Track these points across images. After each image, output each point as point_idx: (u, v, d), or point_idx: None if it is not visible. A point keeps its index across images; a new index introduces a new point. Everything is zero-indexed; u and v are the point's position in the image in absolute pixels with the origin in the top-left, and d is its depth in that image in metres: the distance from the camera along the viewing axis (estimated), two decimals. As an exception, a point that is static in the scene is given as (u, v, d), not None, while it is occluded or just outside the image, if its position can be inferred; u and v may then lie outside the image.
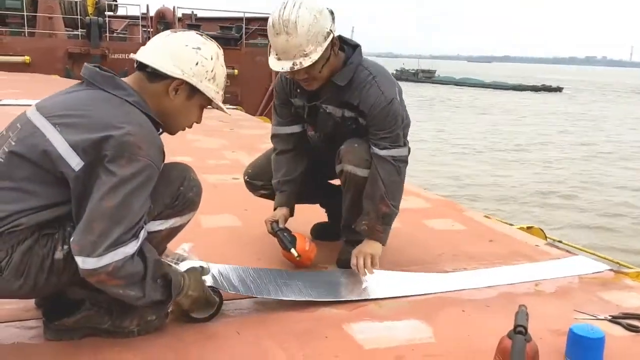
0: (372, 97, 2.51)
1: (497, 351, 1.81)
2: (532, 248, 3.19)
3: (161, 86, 1.89)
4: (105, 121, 1.72)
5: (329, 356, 1.93)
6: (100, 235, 1.66)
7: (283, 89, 2.74)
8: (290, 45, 2.33)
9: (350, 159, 2.58)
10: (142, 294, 1.79)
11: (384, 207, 2.54)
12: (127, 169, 1.70)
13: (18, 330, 1.98)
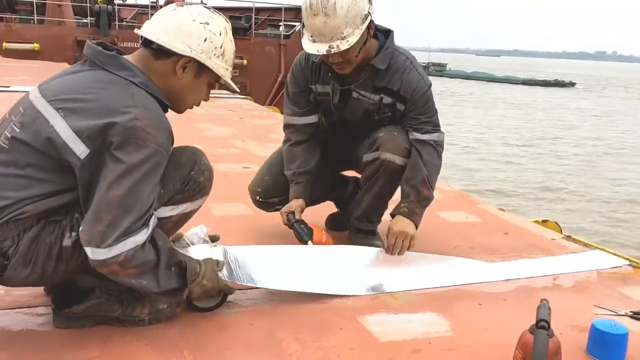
0: (414, 82, 2.50)
1: (517, 346, 1.76)
2: (548, 241, 3.13)
3: (168, 64, 1.82)
4: (110, 106, 1.65)
5: (344, 348, 1.88)
6: (109, 225, 1.60)
7: (303, 74, 2.63)
8: (329, 27, 2.26)
9: (390, 147, 2.54)
10: (155, 283, 1.74)
11: (425, 190, 2.52)
12: (135, 155, 1.63)
13: (27, 317, 1.95)
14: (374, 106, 2.57)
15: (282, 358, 1.80)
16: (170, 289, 1.80)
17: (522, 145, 18.75)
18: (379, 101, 2.55)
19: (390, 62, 2.49)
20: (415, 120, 2.54)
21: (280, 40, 16.35)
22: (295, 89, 2.69)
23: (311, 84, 2.63)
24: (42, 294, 2.05)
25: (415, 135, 2.55)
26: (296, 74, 2.67)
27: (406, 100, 2.52)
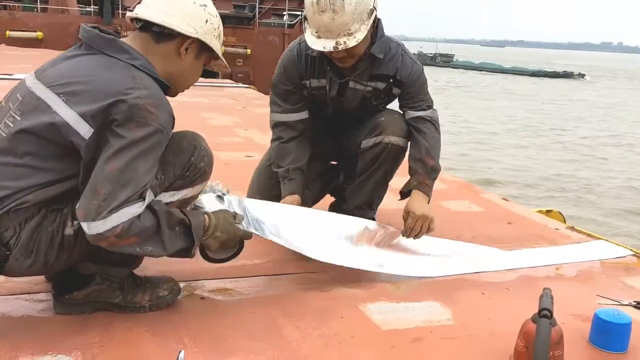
0: (409, 66, 2.55)
1: (520, 335, 1.75)
2: (552, 231, 3.11)
3: (172, 46, 1.82)
4: (112, 88, 1.64)
5: (345, 336, 1.88)
6: (105, 199, 1.59)
7: (297, 70, 2.56)
8: (336, 24, 2.24)
9: (393, 129, 2.57)
10: (161, 247, 1.71)
11: (430, 161, 2.54)
12: (137, 132, 1.62)
13: (27, 303, 1.95)
14: (370, 93, 2.58)
15: (283, 345, 1.79)
16: (178, 249, 1.77)
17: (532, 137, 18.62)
18: (373, 89, 2.56)
19: (386, 49, 2.51)
20: (410, 100, 2.59)
21: (284, 29, 16.31)
22: (288, 86, 2.61)
23: (305, 79, 2.58)
24: (43, 281, 2.05)
25: (411, 113, 2.59)
26: (289, 70, 2.58)
27: (402, 83, 2.56)
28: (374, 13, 2.31)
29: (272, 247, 2.58)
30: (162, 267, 2.27)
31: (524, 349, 1.71)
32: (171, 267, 2.28)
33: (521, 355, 1.73)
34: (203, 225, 1.84)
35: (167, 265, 2.28)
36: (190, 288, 2.14)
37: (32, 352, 1.66)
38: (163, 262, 2.27)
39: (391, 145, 2.56)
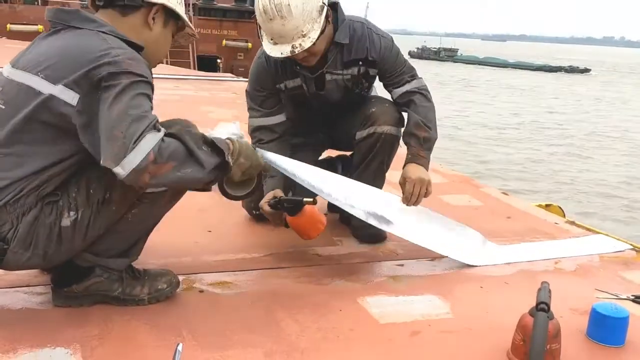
0: (377, 43, 2.53)
1: (517, 328, 1.75)
2: (551, 225, 3.11)
3: (139, 16, 1.83)
4: (88, 54, 1.64)
5: (343, 329, 1.88)
6: (126, 136, 1.57)
7: (268, 75, 2.55)
8: (287, 29, 2.24)
9: (386, 119, 2.57)
10: (199, 166, 1.68)
11: (422, 132, 2.52)
12: (126, 78, 1.62)
13: (27, 296, 1.95)
14: (349, 81, 2.58)
15: (281, 338, 1.80)
16: (215, 165, 1.73)
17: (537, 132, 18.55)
18: (352, 76, 2.56)
19: (350, 33, 2.49)
20: (391, 76, 2.59)
21: (286, 23, 16.25)
22: (262, 92, 2.59)
23: (279, 83, 2.57)
24: (42, 273, 2.05)
25: (396, 91, 2.59)
26: (260, 76, 2.58)
27: (376, 62, 2.55)
28: (324, 8, 2.29)
29: (270, 241, 2.60)
30: (161, 260, 2.28)
31: (522, 342, 1.72)
32: (170, 260, 2.30)
33: (518, 348, 1.73)
34: (228, 145, 1.80)
35: (166, 259, 2.30)
36: (189, 281, 2.15)
37: (31, 344, 1.66)
38: (162, 255, 2.30)
39: (384, 135, 2.57)
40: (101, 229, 1.79)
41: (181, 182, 1.70)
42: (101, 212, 1.74)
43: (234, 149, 1.83)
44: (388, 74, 2.59)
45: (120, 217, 1.80)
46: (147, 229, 1.94)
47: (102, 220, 1.77)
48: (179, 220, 2.50)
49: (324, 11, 2.29)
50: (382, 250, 2.61)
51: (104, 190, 1.72)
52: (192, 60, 16.60)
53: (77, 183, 1.73)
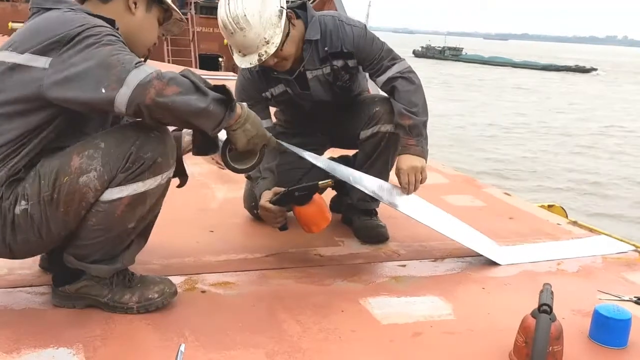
0: (349, 33, 2.52)
1: (519, 330, 1.75)
2: (553, 226, 3.11)
3: (119, 3, 1.86)
4: (55, 25, 1.66)
5: (345, 330, 1.88)
6: (124, 63, 1.59)
7: (253, 85, 2.59)
8: (249, 39, 2.28)
9: (389, 118, 2.57)
10: (203, 95, 1.65)
11: (406, 120, 2.50)
12: (98, 31, 1.65)
13: (29, 296, 1.96)
14: (330, 76, 2.58)
15: (283, 339, 1.80)
16: (219, 97, 1.69)
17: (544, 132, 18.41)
18: (331, 70, 2.56)
19: (321, 28, 2.50)
20: (371, 64, 2.56)
21: (288, 22, 16.25)
22: (249, 102, 2.48)
23: (264, 91, 2.61)
24: (45, 274, 2.06)
25: (379, 80, 2.57)
26: (246, 87, 2.60)
27: (352, 53, 2.54)
28: (283, 12, 2.31)
29: (272, 241, 2.60)
30: (163, 260, 2.29)
31: (524, 344, 1.72)
32: (172, 261, 2.30)
33: (521, 350, 1.73)
34: (233, 96, 1.76)
35: (168, 259, 2.30)
36: (191, 282, 2.15)
37: (35, 344, 1.67)
38: (164, 255, 2.30)
39: (388, 134, 2.58)
40: (58, 230, 1.74)
41: (189, 103, 1.62)
42: (50, 212, 1.70)
43: (242, 113, 1.81)
44: (367, 62, 2.57)
45: (82, 223, 1.76)
46: (123, 236, 1.83)
47: (54, 221, 1.72)
48: (181, 221, 2.51)
49: (283, 15, 2.31)
50: (384, 251, 2.61)
51: (52, 188, 1.69)
52: (194, 59, 16.57)
53: (34, 172, 1.71)
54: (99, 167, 1.69)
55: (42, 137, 1.72)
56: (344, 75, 2.61)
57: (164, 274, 2.09)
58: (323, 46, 2.52)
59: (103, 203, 1.73)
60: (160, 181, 1.80)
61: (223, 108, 1.72)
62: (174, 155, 1.84)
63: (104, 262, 1.84)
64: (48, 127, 1.72)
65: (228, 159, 1.94)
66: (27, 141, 1.70)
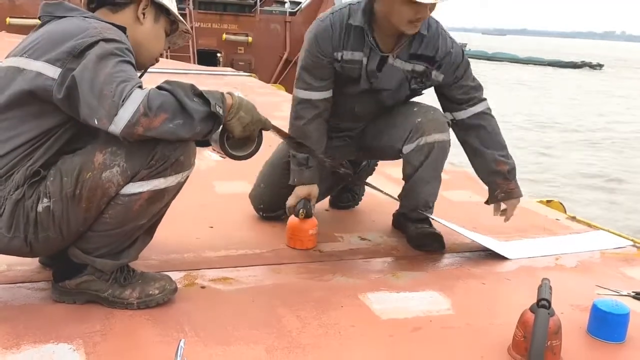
0: (449, 46, 2.42)
1: (518, 324, 1.76)
2: (552, 222, 3.12)
3: (129, 13, 1.88)
4: (69, 34, 1.69)
5: (345, 325, 1.89)
6: (115, 94, 1.61)
7: (330, 41, 2.38)
8: None
9: (435, 127, 2.45)
10: (189, 117, 1.67)
11: (503, 166, 2.48)
12: (106, 46, 1.67)
13: (29, 292, 1.96)
14: (409, 74, 2.44)
15: (282, 334, 1.80)
16: (205, 115, 1.70)
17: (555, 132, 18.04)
18: (412, 70, 2.44)
19: (428, 27, 2.38)
20: (461, 88, 2.45)
21: (286, 17, 16.21)
22: (319, 59, 2.42)
23: (337, 50, 2.40)
24: (44, 269, 2.06)
25: (466, 111, 2.46)
26: (322, 41, 2.39)
27: (441, 66, 2.42)
28: None
29: (272, 237, 2.60)
30: (163, 256, 2.29)
31: (522, 338, 1.72)
32: (171, 256, 2.31)
33: (519, 344, 1.74)
34: (217, 97, 1.76)
35: (167, 255, 2.31)
36: (190, 277, 2.15)
37: (34, 340, 1.67)
38: (164, 251, 2.31)
39: (437, 143, 2.45)
40: (77, 226, 1.76)
41: (175, 134, 1.68)
42: (72, 208, 1.72)
43: (234, 102, 1.82)
44: (457, 87, 2.44)
45: (97, 217, 1.77)
46: (132, 232, 1.84)
47: (75, 217, 1.73)
48: (181, 216, 2.51)
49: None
50: (383, 247, 2.62)
51: (75, 184, 1.71)
52: (192, 54, 16.55)
53: (55, 170, 1.73)
54: (123, 163, 1.72)
55: (56, 137, 1.74)
56: (424, 82, 2.48)
57: (163, 270, 2.10)
58: (418, 44, 2.40)
59: (123, 196, 1.75)
60: (180, 179, 1.84)
61: (210, 123, 1.75)
62: (195, 154, 1.87)
63: (109, 257, 1.85)
64: (62, 129, 1.74)
65: (227, 147, 1.93)
66: (42, 143, 1.73)
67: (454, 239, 2.70)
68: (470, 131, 2.51)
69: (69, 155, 1.75)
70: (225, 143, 1.91)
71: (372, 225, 2.86)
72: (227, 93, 1.82)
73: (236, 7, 17.94)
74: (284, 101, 7.10)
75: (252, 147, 1.97)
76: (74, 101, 1.65)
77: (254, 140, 1.96)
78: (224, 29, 17.59)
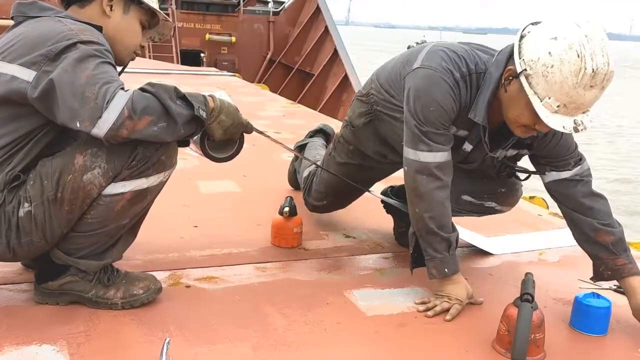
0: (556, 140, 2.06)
1: (502, 319, 1.77)
2: (535, 217, 3.15)
3: (95, 6, 1.83)
4: (44, 36, 1.65)
5: (330, 323, 1.89)
6: (97, 96, 1.58)
7: (452, 109, 1.98)
8: (593, 101, 1.77)
9: (511, 202, 2.48)
10: (172, 120, 1.65)
11: (605, 237, 2.03)
12: (84, 48, 1.64)
13: (11, 294, 1.94)
14: (496, 160, 2.19)
15: (268, 332, 1.80)
16: (188, 118, 1.69)
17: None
18: (514, 155, 2.19)
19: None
20: (551, 161, 2.11)
21: (269, 17, 16.20)
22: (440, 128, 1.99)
23: (454, 124, 2.05)
24: (27, 271, 2.04)
25: (554, 175, 2.10)
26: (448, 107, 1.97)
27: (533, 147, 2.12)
28: None
29: (257, 236, 2.60)
30: (147, 256, 2.28)
31: (506, 332, 1.74)
32: (156, 256, 2.30)
33: (503, 338, 1.76)
34: (199, 99, 1.75)
35: (152, 254, 2.30)
36: (175, 277, 2.14)
37: (17, 341, 1.65)
38: (148, 251, 2.29)
39: (500, 211, 2.47)
40: (61, 228, 1.74)
41: (159, 137, 1.67)
42: (54, 211, 1.70)
43: (215, 105, 1.81)
44: (546, 159, 2.11)
45: (79, 218, 1.76)
46: (115, 232, 1.83)
47: (58, 220, 1.72)
48: (165, 216, 2.50)
49: None
50: (367, 244, 2.63)
51: (56, 187, 1.69)
52: (175, 54, 16.46)
53: (34, 173, 1.71)
54: (104, 164, 1.70)
55: (36, 141, 1.72)
56: (510, 165, 2.22)
57: (148, 270, 2.09)
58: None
59: (105, 197, 1.74)
60: (163, 178, 1.83)
61: (193, 126, 1.74)
62: (177, 153, 1.86)
63: (93, 257, 1.84)
64: (40, 132, 1.72)
65: (207, 149, 1.93)
66: (21, 147, 1.70)
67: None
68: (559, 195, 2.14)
69: (48, 158, 1.73)
70: (206, 144, 1.91)
71: (356, 222, 2.87)
72: (208, 95, 1.81)
73: (219, 7, 17.88)
74: (268, 100, 7.10)
75: (233, 149, 1.97)
76: (50, 103, 1.62)
77: (235, 143, 1.96)
78: (207, 29, 17.52)
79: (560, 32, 1.73)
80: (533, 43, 1.79)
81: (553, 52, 1.72)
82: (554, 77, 1.72)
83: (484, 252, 2.57)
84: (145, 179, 1.77)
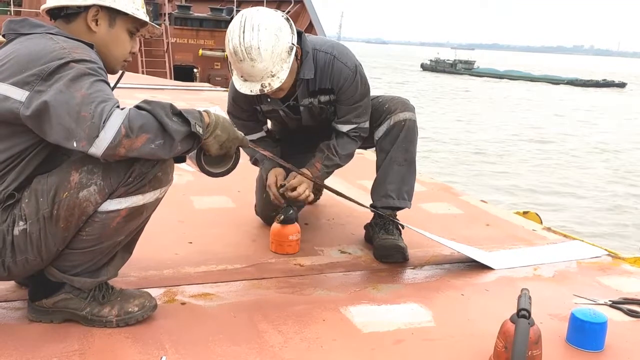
0: (337, 72, 2.54)
1: (499, 335, 1.77)
2: (529, 232, 3.16)
3: (80, 22, 1.83)
4: (36, 55, 1.65)
5: (326, 339, 1.88)
6: (94, 115, 1.58)
7: (245, 99, 2.59)
8: (256, 70, 2.28)
9: (401, 107, 2.66)
10: (170, 138, 1.66)
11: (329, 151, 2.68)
12: (77, 66, 1.64)
13: (4, 311, 1.92)
14: (320, 108, 2.64)
15: (264, 349, 1.79)
16: (185, 135, 1.70)
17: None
18: (319, 103, 2.62)
19: (315, 66, 2.52)
20: (340, 107, 2.62)
21: (262, 32, 16.29)
22: (244, 114, 2.71)
23: (255, 105, 2.66)
24: (20, 288, 2.02)
25: (334, 124, 2.67)
26: (237, 100, 2.65)
27: (333, 90, 2.59)
28: (293, 49, 2.34)
29: (252, 252, 2.59)
30: (142, 272, 2.26)
31: (503, 349, 1.74)
32: (150, 273, 2.28)
33: (500, 355, 1.75)
34: (195, 115, 1.75)
35: (146, 271, 2.28)
36: (170, 293, 2.13)
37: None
38: (143, 267, 2.28)
39: (406, 120, 2.64)
40: (56, 246, 1.73)
41: (156, 155, 1.68)
42: (49, 229, 1.70)
43: (210, 121, 1.81)
44: (339, 104, 2.62)
45: (74, 235, 1.75)
46: (110, 249, 1.82)
47: (53, 238, 1.71)
48: (160, 233, 2.49)
49: (293, 51, 2.34)
50: (363, 260, 2.62)
51: (52, 204, 1.68)
52: (169, 69, 16.51)
53: (29, 191, 1.70)
54: (100, 181, 1.70)
55: (29, 159, 1.71)
56: (330, 108, 2.66)
57: (143, 286, 2.07)
58: (314, 81, 2.56)
59: (100, 213, 1.73)
60: (159, 195, 1.83)
61: (190, 142, 1.74)
62: (173, 170, 1.85)
63: (87, 275, 1.82)
64: (34, 150, 1.72)
65: (203, 164, 1.93)
66: (14, 165, 1.70)
67: (433, 250, 2.72)
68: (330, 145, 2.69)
69: (43, 175, 1.72)
70: (202, 160, 1.91)
71: (351, 238, 2.87)
72: (203, 111, 1.82)
73: (212, 23, 17.99)
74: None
75: (230, 164, 1.97)
76: (42, 123, 1.62)
77: (231, 157, 1.96)
78: (200, 44, 17.61)
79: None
80: None
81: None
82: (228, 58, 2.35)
83: (480, 268, 2.57)
84: (142, 195, 1.76)
